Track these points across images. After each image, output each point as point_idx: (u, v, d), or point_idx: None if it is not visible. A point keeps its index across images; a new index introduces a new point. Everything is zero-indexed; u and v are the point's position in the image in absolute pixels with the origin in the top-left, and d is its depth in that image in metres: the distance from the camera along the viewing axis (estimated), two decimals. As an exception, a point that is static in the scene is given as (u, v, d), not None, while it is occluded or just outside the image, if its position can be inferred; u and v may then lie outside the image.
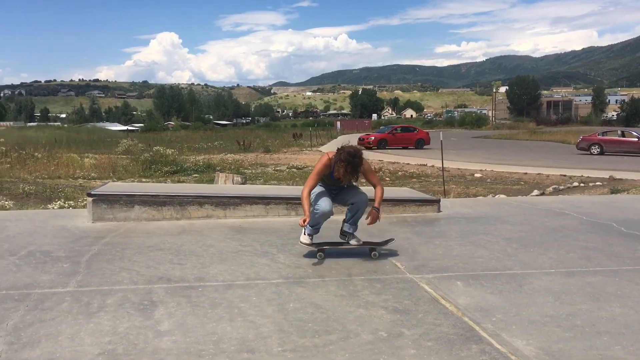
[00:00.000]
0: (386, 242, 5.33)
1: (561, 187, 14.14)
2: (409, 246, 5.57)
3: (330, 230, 5.49)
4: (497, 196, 11.75)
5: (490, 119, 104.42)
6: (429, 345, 3.13)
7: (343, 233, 5.27)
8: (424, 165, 22.13)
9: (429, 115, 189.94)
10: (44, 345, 3.06)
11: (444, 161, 14.27)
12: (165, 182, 15.64)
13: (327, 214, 4.97)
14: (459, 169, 19.94)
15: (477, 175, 18.20)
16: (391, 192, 8.94)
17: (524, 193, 13.00)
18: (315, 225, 5.07)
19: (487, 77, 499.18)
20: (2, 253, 5.11)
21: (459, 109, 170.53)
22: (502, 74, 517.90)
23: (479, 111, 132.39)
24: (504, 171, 19.12)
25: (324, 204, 4.95)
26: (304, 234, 5.09)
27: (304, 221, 4.77)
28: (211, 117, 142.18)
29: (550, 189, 13.83)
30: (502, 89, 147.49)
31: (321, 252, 5.05)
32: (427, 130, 44.39)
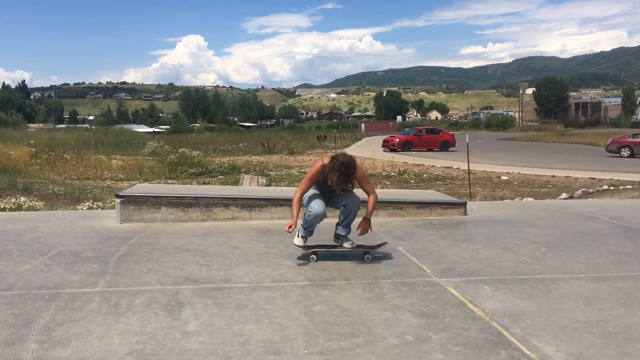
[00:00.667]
0: (379, 245, 5.30)
1: (590, 190, 13.88)
2: (435, 249, 5.52)
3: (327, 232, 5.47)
4: (524, 199, 11.59)
5: (517, 120, 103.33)
6: (457, 350, 3.09)
7: (337, 236, 5.26)
8: (450, 167, 21.96)
9: (454, 117, 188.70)
10: (74, 345, 3.10)
11: (470, 163, 14.14)
12: (191, 184, 15.80)
13: (320, 217, 4.98)
14: (485, 171, 19.73)
15: (504, 177, 17.99)
16: (417, 194, 8.89)
17: (552, 196, 12.80)
18: (308, 227, 5.10)
19: (514, 79, 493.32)
20: (33, 253, 5.21)
21: (484, 111, 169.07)
22: (529, 75, 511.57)
23: (505, 113, 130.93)
24: (531, 174, 18.87)
25: (317, 205, 4.95)
26: (297, 237, 5.12)
27: (290, 227, 4.80)
28: (236, 119, 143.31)
29: (579, 192, 13.59)
30: (529, 91, 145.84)
31: (314, 254, 5.07)
32: (452, 133, 44.14)
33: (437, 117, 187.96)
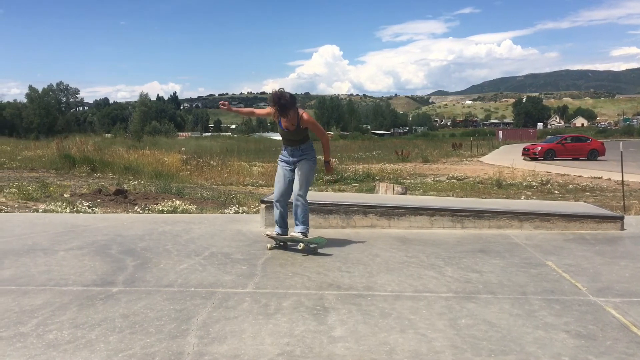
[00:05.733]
0: (316, 243, 5.65)
1: None
2: (589, 266, 5.14)
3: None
4: (690, 214, 10.42)
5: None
6: (622, 377, 2.85)
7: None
8: (599, 178, 20.41)
9: (602, 124, 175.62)
10: (229, 342, 3.28)
11: (623, 174, 13.02)
12: (327, 191, 16.13)
13: (279, 203, 5.83)
14: (640, 182, 18.09)
15: (664, 190, 16.35)
16: (565, 206, 8.35)
17: None
18: (276, 219, 5.90)
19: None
20: (189, 253, 5.61)
21: (638, 117, 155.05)
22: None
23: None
24: (696, 186, 16.97)
25: (276, 190, 5.85)
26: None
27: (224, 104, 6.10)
28: (369, 126, 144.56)
29: None
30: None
31: (269, 243, 5.88)
32: (601, 140, 41.06)
33: (582, 124, 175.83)
